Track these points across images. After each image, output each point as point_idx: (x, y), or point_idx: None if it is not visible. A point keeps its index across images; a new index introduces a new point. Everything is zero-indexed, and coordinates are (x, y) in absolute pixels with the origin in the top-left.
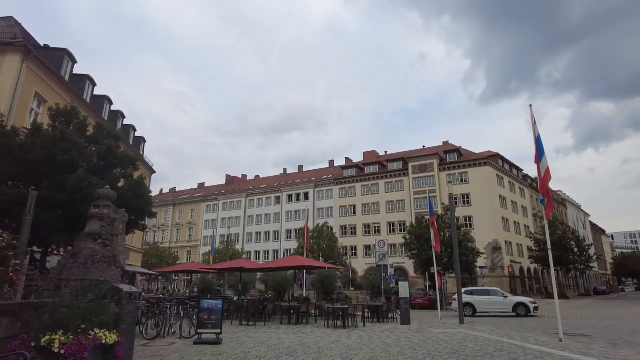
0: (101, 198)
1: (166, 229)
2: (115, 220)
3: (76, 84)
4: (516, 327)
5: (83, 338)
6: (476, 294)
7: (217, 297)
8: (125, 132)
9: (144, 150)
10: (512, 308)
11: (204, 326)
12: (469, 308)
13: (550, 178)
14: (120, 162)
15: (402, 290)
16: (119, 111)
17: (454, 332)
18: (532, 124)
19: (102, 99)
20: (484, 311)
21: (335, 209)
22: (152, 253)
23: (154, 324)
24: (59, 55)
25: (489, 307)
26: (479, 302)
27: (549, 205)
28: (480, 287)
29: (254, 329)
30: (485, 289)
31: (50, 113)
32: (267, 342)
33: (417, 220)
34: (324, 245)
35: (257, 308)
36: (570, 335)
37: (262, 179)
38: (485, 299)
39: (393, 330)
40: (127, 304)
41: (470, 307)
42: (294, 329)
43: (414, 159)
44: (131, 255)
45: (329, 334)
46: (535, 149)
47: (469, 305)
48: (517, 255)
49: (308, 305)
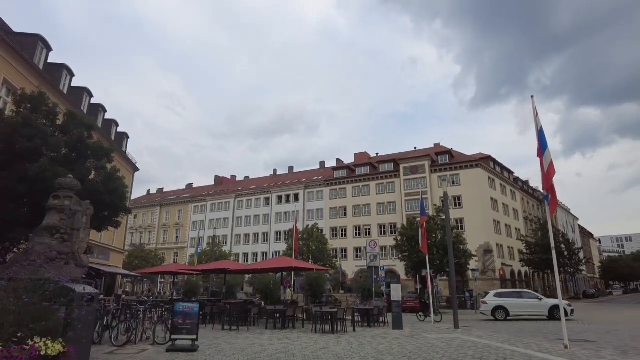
0: (62, 188)
1: (152, 230)
2: (77, 213)
3: (52, 73)
4: (514, 332)
5: (15, 350)
6: (507, 297)
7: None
8: (107, 127)
9: (126, 146)
10: (547, 311)
11: (179, 332)
12: (501, 311)
13: (554, 172)
14: (93, 154)
15: (395, 292)
16: (99, 104)
17: (450, 338)
18: (534, 115)
19: (80, 90)
20: (518, 314)
21: (325, 210)
22: (136, 254)
23: (125, 329)
24: (32, 41)
25: (523, 310)
26: (512, 305)
27: (553, 201)
28: (512, 289)
29: (236, 334)
30: (517, 290)
31: (15, 98)
32: (248, 349)
33: (409, 221)
34: (314, 247)
35: (240, 312)
36: (574, 340)
37: (251, 179)
38: (519, 302)
39: (385, 336)
40: (78, 307)
41: (503, 310)
42: (279, 335)
43: (405, 160)
44: (112, 256)
45: (317, 339)
46: (537, 141)
47: (501, 309)
48: (509, 258)
49: (295, 308)
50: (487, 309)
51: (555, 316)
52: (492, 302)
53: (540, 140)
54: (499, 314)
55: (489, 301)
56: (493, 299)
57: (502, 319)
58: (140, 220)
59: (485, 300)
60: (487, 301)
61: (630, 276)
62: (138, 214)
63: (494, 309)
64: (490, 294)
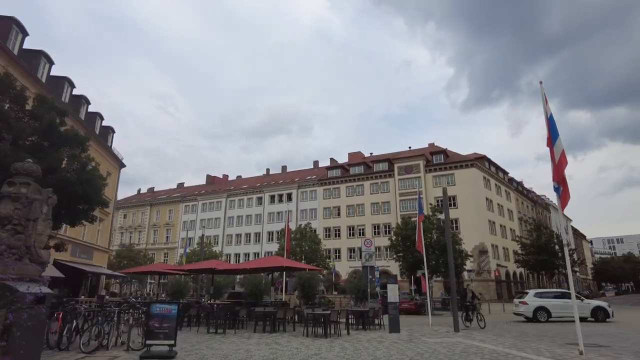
0: (18, 174)
1: (142, 230)
2: (35, 202)
3: (28, 60)
4: (517, 335)
5: None
6: (547, 297)
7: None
8: (91, 120)
9: (112, 141)
10: (590, 312)
11: (155, 336)
12: (543, 313)
13: (566, 163)
14: (67, 142)
15: (391, 293)
16: (82, 95)
17: (452, 342)
18: (544, 103)
19: (61, 80)
20: (560, 316)
21: (319, 210)
22: (124, 254)
23: (96, 333)
24: (5, 24)
25: (565, 311)
26: (554, 306)
27: (565, 194)
28: (552, 290)
29: (221, 338)
30: (558, 290)
31: None
32: (231, 355)
33: (404, 221)
34: (307, 247)
35: (227, 314)
36: (586, 345)
37: (243, 179)
38: (560, 303)
39: (381, 340)
40: (18, 310)
41: (545, 311)
42: (268, 339)
43: (399, 160)
44: (96, 255)
45: (308, 344)
46: (547, 130)
47: (542, 310)
48: (504, 259)
49: (285, 310)
50: (528, 310)
51: (598, 317)
52: (533, 303)
53: (551, 129)
54: (540, 315)
55: (530, 302)
56: (534, 299)
57: (544, 321)
58: (130, 220)
59: (526, 301)
60: (528, 302)
61: (622, 277)
62: (128, 214)
63: (536, 310)
64: (530, 293)
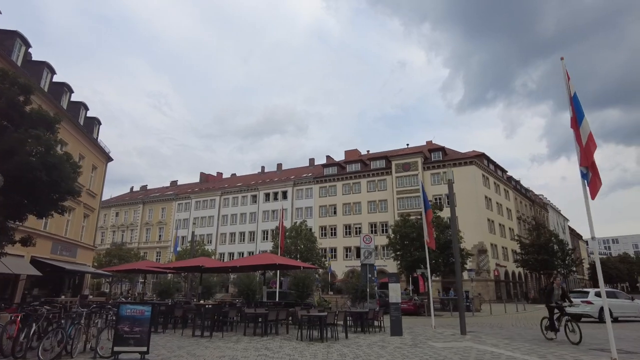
0: None
1: (135, 229)
2: None
3: (1, 41)
4: (531, 339)
5: None
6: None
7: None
8: (75, 110)
9: (98, 133)
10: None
11: (124, 342)
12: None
13: (595, 146)
14: (32, 123)
15: (393, 293)
16: (64, 83)
17: (462, 347)
18: (566, 81)
19: (40, 65)
20: (617, 316)
21: (315, 208)
22: (114, 253)
23: (58, 339)
24: None
25: (622, 311)
26: (614, 306)
27: (594, 181)
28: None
29: (206, 342)
30: (610, 290)
31: None
32: None
33: (403, 218)
34: (302, 246)
35: (215, 315)
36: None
37: (238, 177)
38: (617, 302)
39: (383, 344)
40: None
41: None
42: (258, 343)
43: (397, 157)
44: (80, 252)
45: (302, 350)
46: (571, 110)
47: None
48: (503, 259)
49: (278, 311)
50: (594, 310)
51: None
52: (598, 303)
53: (575, 109)
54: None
55: (594, 301)
56: (596, 298)
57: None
58: (122, 219)
59: (591, 300)
60: (592, 301)
61: (618, 278)
62: (120, 212)
63: (601, 310)
64: (591, 292)
